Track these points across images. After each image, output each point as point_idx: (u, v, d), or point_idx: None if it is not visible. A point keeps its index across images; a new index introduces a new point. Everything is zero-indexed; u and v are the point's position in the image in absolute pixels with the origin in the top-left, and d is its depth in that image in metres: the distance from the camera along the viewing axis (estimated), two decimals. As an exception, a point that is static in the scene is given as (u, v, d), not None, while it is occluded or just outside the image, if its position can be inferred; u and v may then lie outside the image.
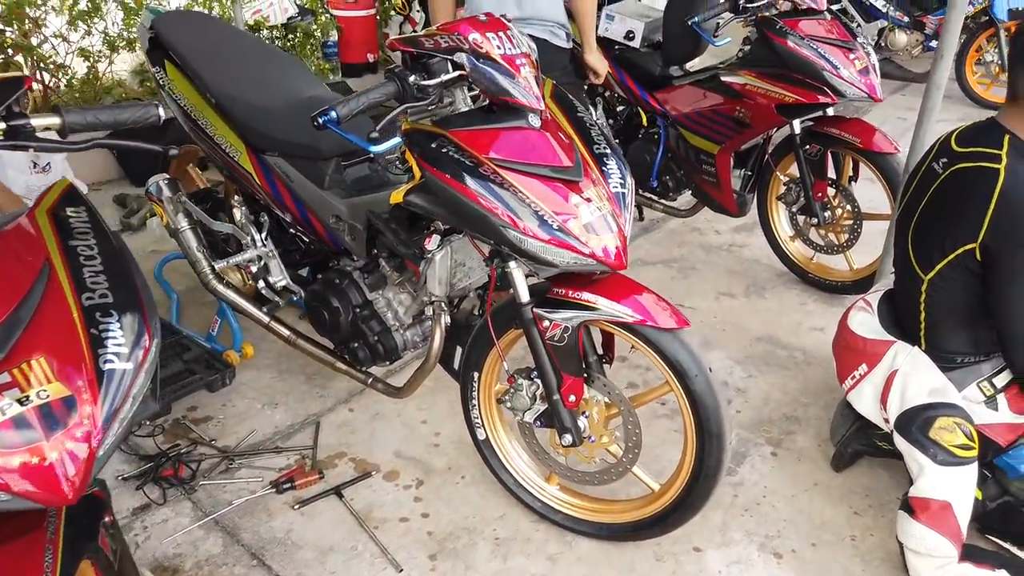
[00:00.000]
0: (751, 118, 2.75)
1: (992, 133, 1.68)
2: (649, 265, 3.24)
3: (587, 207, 1.51)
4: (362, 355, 1.99)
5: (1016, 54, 1.62)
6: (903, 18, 5.26)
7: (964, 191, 1.66)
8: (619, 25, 3.09)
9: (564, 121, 1.66)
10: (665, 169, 3.14)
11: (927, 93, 2.27)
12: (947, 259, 1.67)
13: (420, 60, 1.47)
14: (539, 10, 2.32)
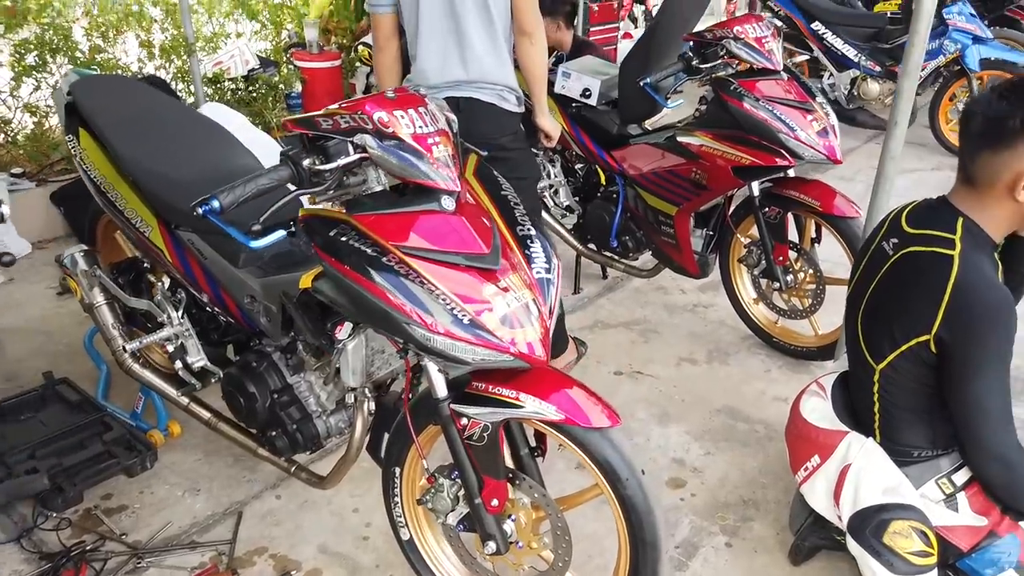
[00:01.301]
0: (708, 180, 2.65)
1: (944, 215, 1.58)
2: (610, 328, 3.12)
3: (504, 297, 1.39)
4: (281, 444, 1.84)
5: (966, 137, 1.53)
6: (875, 68, 5.23)
7: (916, 278, 1.55)
8: (575, 83, 3.01)
9: (486, 200, 1.55)
10: (624, 229, 3.04)
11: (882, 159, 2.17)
12: (899, 350, 1.56)
13: (317, 142, 1.36)
14: (486, 73, 2.23)
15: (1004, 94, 1.48)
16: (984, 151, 1.50)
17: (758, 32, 2.56)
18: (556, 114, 3.07)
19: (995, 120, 1.46)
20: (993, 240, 1.56)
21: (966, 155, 1.54)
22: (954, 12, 4.96)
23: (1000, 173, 1.48)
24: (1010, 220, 1.54)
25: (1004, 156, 1.47)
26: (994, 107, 1.47)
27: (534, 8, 2.19)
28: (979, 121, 1.50)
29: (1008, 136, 1.45)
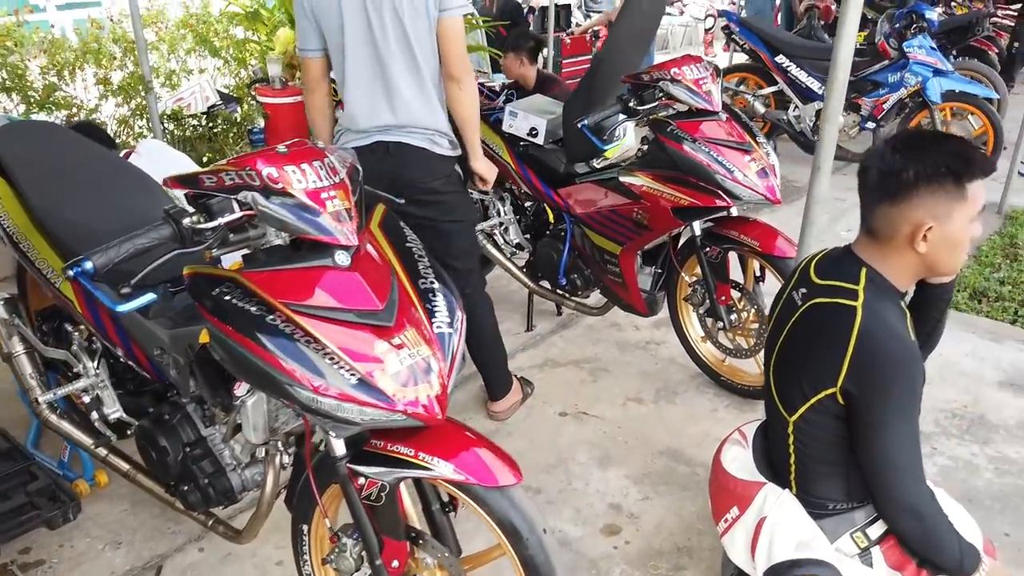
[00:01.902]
0: (649, 220, 2.65)
1: (849, 265, 1.56)
2: (560, 366, 3.09)
3: (397, 354, 1.36)
4: (193, 498, 1.80)
5: (864, 190, 1.52)
6: (838, 100, 5.28)
7: (821, 329, 1.53)
8: (522, 122, 3.01)
9: (389, 253, 1.53)
10: (573, 267, 3.03)
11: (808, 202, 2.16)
12: (809, 403, 1.53)
13: (201, 199, 1.34)
14: (415, 118, 2.22)
15: (897, 147, 1.47)
16: (882, 204, 1.49)
17: (696, 74, 2.57)
18: (503, 152, 3.08)
19: (890, 173, 1.46)
20: (898, 290, 1.54)
21: (865, 208, 1.54)
22: (915, 46, 5.02)
23: (899, 225, 1.47)
24: (913, 270, 1.53)
25: (901, 208, 1.46)
26: (888, 160, 1.46)
27: (461, 55, 2.19)
28: (875, 175, 1.49)
29: (903, 189, 1.44)
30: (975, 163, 1.45)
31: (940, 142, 1.47)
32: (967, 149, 1.46)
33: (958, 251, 1.50)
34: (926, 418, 2.76)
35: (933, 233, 1.46)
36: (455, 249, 2.43)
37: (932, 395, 2.89)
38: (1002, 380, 3.01)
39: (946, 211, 1.44)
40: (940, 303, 1.70)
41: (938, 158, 1.44)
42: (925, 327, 1.73)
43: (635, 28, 2.71)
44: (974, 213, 1.46)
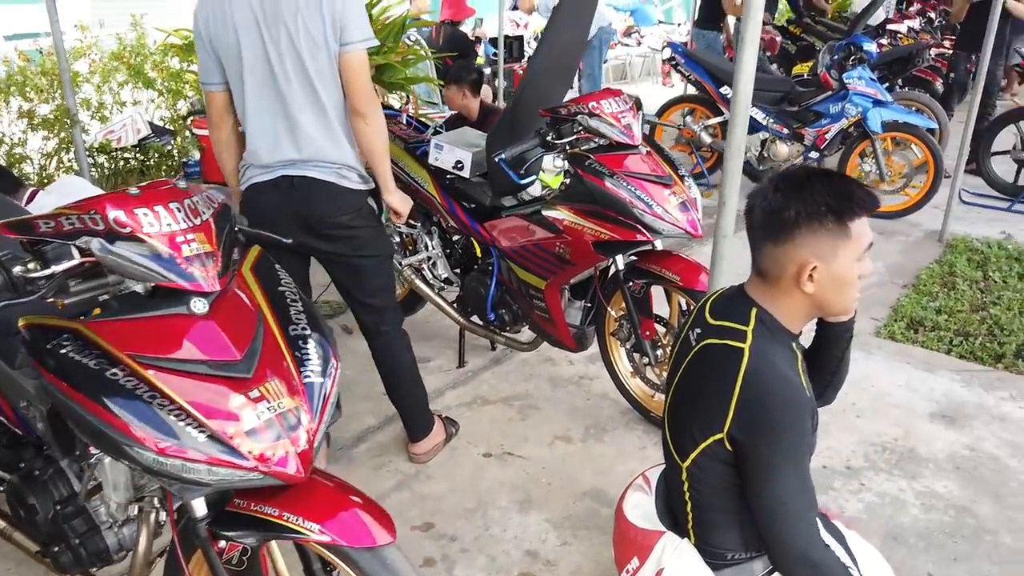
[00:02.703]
0: (571, 254, 2.60)
1: (739, 305, 1.52)
2: (490, 404, 3.01)
3: (255, 408, 1.28)
4: (65, 559, 1.69)
5: (750, 230, 1.49)
6: (783, 130, 5.33)
7: (710, 372, 1.48)
8: (448, 155, 2.96)
9: (260, 297, 1.46)
10: (500, 302, 2.97)
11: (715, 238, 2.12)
12: (699, 448, 1.48)
13: (36, 245, 1.26)
14: (320, 152, 2.16)
15: (779, 186, 1.44)
16: (767, 244, 1.45)
17: (615, 107, 2.55)
18: (429, 185, 3.03)
19: (772, 213, 1.42)
20: (790, 331, 1.50)
21: (753, 248, 1.50)
22: (854, 77, 5.09)
23: (784, 265, 1.43)
24: (803, 310, 1.48)
25: (785, 248, 1.42)
26: (770, 200, 1.43)
27: (365, 89, 2.13)
28: (758, 214, 1.46)
29: (786, 228, 1.41)
30: (856, 200, 1.41)
31: (822, 180, 1.43)
32: (849, 186, 1.43)
33: (847, 290, 1.46)
34: (856, 452, 2.74)
35: (819, 273, 1.42)
36: (368, 285, 2.36)
37: (863, 428, 2.87)
38: (934, 412, 2.99)
39: (830, 250, 1.41)
40: (841, 341, 1.66)
41: (819, 196, 1.40)
42: (829, 366, 1.69)
43: (554, 61, 2.68)
44: (860, 251, 1.43)
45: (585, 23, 2.76)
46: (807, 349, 1.71)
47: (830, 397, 1.74)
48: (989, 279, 4.17)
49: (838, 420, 2.92)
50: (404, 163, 3.07)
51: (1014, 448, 2.76)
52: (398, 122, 3.29)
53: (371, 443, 2.74)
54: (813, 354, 1.70)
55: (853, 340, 1.70)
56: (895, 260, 4.56)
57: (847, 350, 1.68)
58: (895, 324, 3.65)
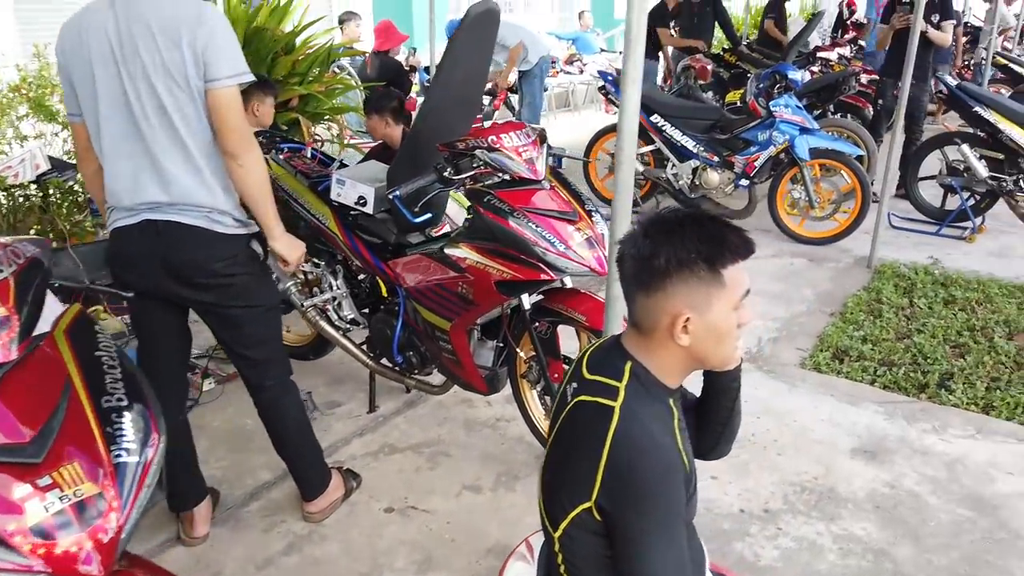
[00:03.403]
0: (474, 294, 2.47)
1: (615, 359, 1.40)
2: (398, 452, 2.85)
3: (43, 499, 1.12)
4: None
5: (622, 280, 1.38)
6: (713, 158, 5.32)
7: (580, 432, 1.35)
8: (350, 190, 2.83)
9: (71, 365, 1.29)
10: (408, 343, 2.82)
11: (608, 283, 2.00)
12: (568, 518, 1.34)
13: None
14: (188, 195, 2.00)
15: (649, 232, 1.33)
16: (638, 294, 1.34)
17: (516, 141, 2.44)
18: (331, 222, 2.88)
19: (642, 260, 1.32)
20: (667, 386, 1.39)
21: (626, 298, 1.39)
22: (780, 105, 5.12)
23: (657, 316, 1.33)
24: (680, 363, 1.38)
25: (656, 298, 1.31)
26: (639, 246, 1.32)
27: (236, 128, 1.97)
28: (628, 263, 1.35)
29: (656, 277, 1.30)
30: (729, 246, 1.32)
31: (694, 225, 1.33)
32: (722, 231, 1.33)
33: (726, 341, 1.36)
34: (775, 494, 2.64)
35: (693, 324, 1.31)
36: (247, 337, 2.19)
37: (784, 467, 2.78)
38: (855, 447, 2.92)
39: (704, 299, 1.30)
40: (729, 391, 1.55)
41: (690, 243, 1.30)
42: (718, 417, 1.58)
43: (454, 93, 2.58)
44: (736, 299, 1.33)
45: (484, 53, 2.66)
46: (697, 399, 1.61)
47: (724, 449, 1.63)
48: (915, 306, 4.17)
49: (759, 459, 2.83)
50: (305, 200, 2.92)
51: (934, 484, 2.70)
52: (302, 156, 3.15)
53: (264, 501, 2.56)
54: (702, 406, 1.59)
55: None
56: (824, 287, 4.54)
57: (736, 400, 1.57)
58: (820, 355, 3.60)
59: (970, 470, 2.79)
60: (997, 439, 2.97)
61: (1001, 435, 3.00)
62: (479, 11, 2.41)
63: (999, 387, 3.30)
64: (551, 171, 2.61)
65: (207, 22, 1.89)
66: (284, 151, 3.14)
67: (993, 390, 3.29)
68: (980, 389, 3.28)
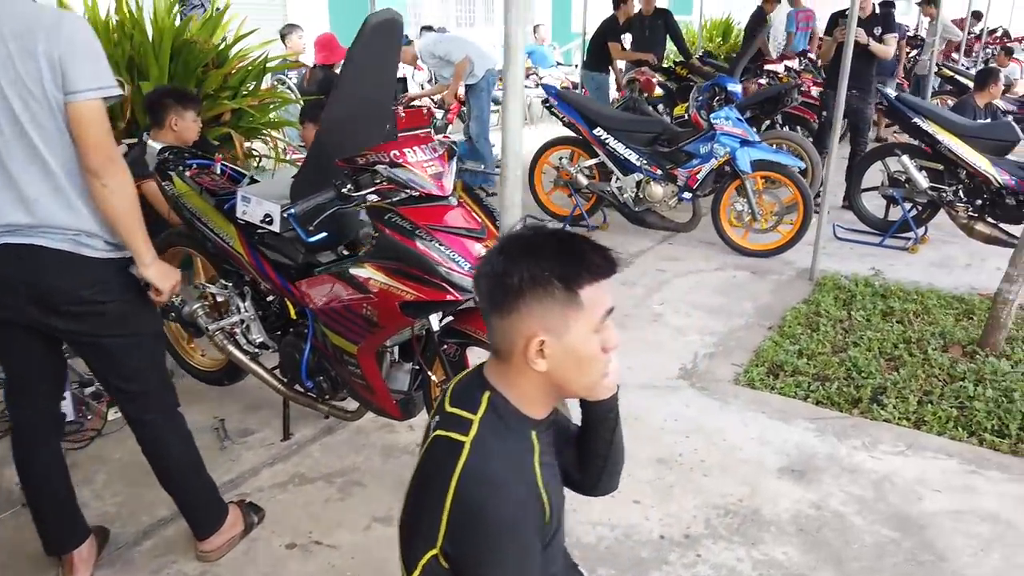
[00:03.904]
0: (379, 316, 2.36)
1: (474, 388, 1.30)
2: (308, 483, 2.71)
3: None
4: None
5: (480, 302, 1.28)
6: (656, 171, 5.28)
7: (430, 472, 1.25)
8: (256, 208, 2.69)
9: None
10: (317, 368, 2.69)
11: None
12: (419, 565, 1.23)
13: None
14: (51, 216, 1.85)
15: (504, 249, 1.24)
16: (494, 315, 1.25)
17: (420, 156, 2.34)
18: (235, 242, 2.75)
19: (496, 278, 1.22)
20: (530, 418, 1.29)
21: (484, 321, 1.29)
22: (721, 117, 5.09)
23: (513, 339, 1.23)
24: (540, 391, 1.28)
25: (512, 320, 1.22)
26: (494, 265, 1.23)
27: (98, 144, 1.81)
28: (483, 282, 1.25)
29: (510, 297, 1.21)
30: (587, 266, 1.22)
31: (552, 243, 1.24)
32: (581, 249, 1.24)
33: (589, 367, 1.26)
34: (697, 518, 2.55)
35: (550, 347, 1.21)
36: (124, 368, 2.05)
37: (708, 488, 2.70)
38: (783, 466, 2.85)
39: (560, 321, 1.21)
40: (606, 422, 1.46)
41: (545, 261, 1.21)
42: (598, 450, 1.48)
43: (358, 105, 2.46)
44: (595, 321, 1.23)
45: (388, 64, 2.56)
46: (579, 431, 1.51)
47: (609, 484, 1.53)
48: (853, 318, 4.13)
49: (684, 481, 2.74)
50: (209, 219, 2.79)
51: (860, 504, 2.63)
52: (210, 172, 3.02)
53: (157, 539, 2.40)
54: (582, 437, 1.49)
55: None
56: (765, 301, 4.50)
57: (615, 431, 1.48)
58: (755, 370, 3.54)
59: (898, 488, 2.73)
60: (927, 455, 2.92)
61: (931, 451, 2.95)
62: (378, 21, 2.31)
63: (931, 400, 3.27)
64: (462, 186, 2.51)
65: (65, 29, 1.76)
66: (192, 167, 3.00)
67: (925, 404, 3.25)
68: (912, 403, 3.24)
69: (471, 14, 15.74)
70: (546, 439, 1.33)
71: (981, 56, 12.65)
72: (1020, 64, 12.22)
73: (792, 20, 8.97)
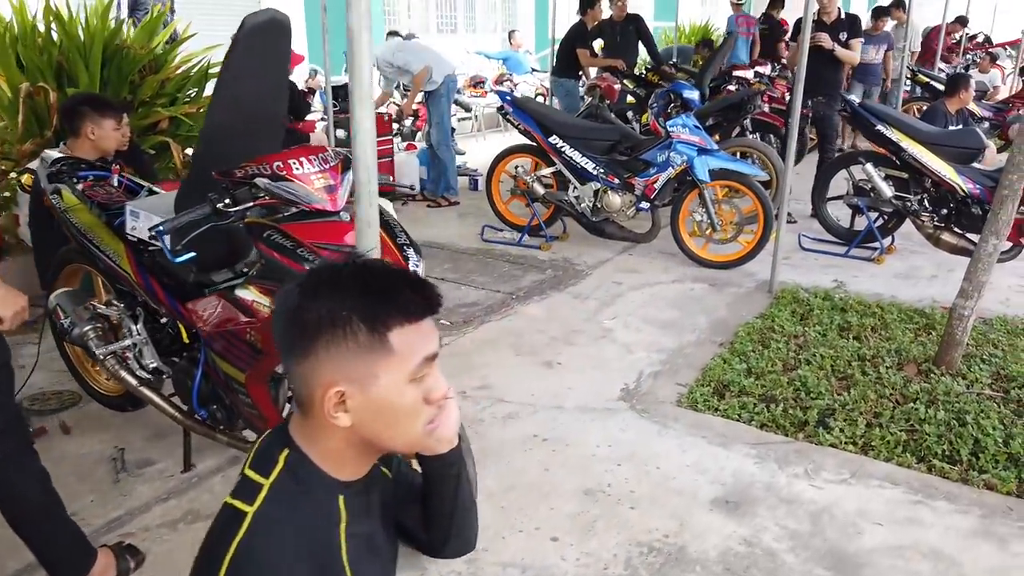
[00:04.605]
0: (261, 342, 2.17)
1: (272, 446, 1.11)
2: (201, 520, 2.50)
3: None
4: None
5: (276, 344, 1.09)
6: (613, 180, 5.10)
7: (208, 545, 1.05)
8: (145, 223, 2.50)
9: None
10: (210, 396, 2.50)
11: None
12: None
13: None
14: None
15: (304, 283, 1.05)
16: (289, 360, 1.06)
17: (308, 168, 2.16)
18: (123, 260, 2.56)
19: (291, 317, 1.04)
20: (339, 481, 1.10)
21: (283, 367, 1.10)
22: (678, 125, 4.93)
23: (311, 389, 1.04)
24: (350, 449, 1.09)
25: (309, 365, 1.03)
26: (291, 302, 1.04)
27: None
28: (278, 321, 1.07)
29: (307, 338, 1.02)
30: (398, 305, 1.04)
31: (361, 276, 1.05)
32: (394, 286, 1.05)
33: (406, 421, 1.07)
34: (618, 556, 2.36)
35: (353, 400, 1.03)
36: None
37: (634, 523, 2.51)
38: (717, 497, 2.66)
39: (364, 370, 1.02)
40: (446, 480, 1.26)
41: (347, 299, 1.02)
42: (441, 509, 1.29)
43: (243, 113, 2.28)
44: (410, 369, 1.05)
45: (276, 67, 2.37)
46: (423, 486, 1.31)
47: (459, 546, 1.34)
48: (807, 334, 3.96)
49: (609, 514, 2.56)
50: (95, 235, 2.60)
51: (795, 539, 2.45)
52: (106, 185, 2.82)
53: None
54: (426, 494, 1.30)
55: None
56: (720, 315, 4.33)
57: (458, 489, 1.28)
58: (699, 390, 3.36)
59: (837, 521, 2.55)
60: (871, 484, 2.74)
61: (876, 479, 2.77)
62: (256, 23, 2.12)
63: (880, 423, 3.09)
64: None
65: None
66: (87, 179, 2.81)
67: (874, 427, 3.07)
68: (860, 426, 3.06)
69: (452, 21, 15.57)
70: (361, 504, 1.14)
71: (961, 63, 12.56)
72: (1002, 71, 12.15)
73: (732, 24, 8.87)
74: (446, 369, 1.12)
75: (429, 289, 1.08)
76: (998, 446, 2.89)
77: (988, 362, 3.58)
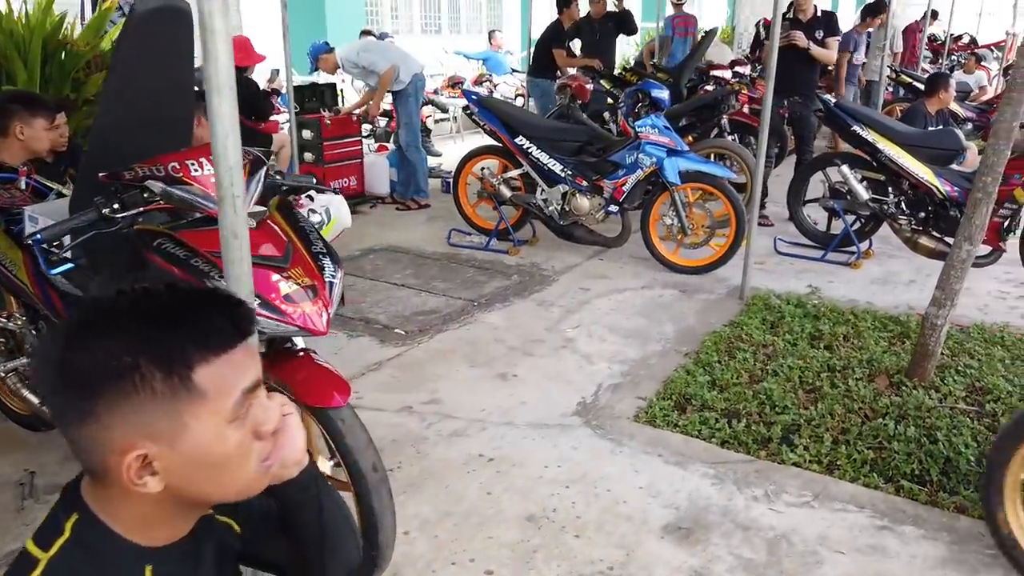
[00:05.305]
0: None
1: (59, 507, 0.91)
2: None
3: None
4: None
5: (44, 403, 0.90)
6: (582, 182, 4.92)
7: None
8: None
9: None
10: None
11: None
12: None
13: None
14: None
15: (71, 326, 0.85)
16: (67, 427, 0.86)
17: (207, 169, 1.96)
18: (19, 270, 2.35)
19: (56, 371, 0.83)
20: (147, 548, 0.90)
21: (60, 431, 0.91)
22: (647, 126, 4.75)
23: (102, 456, 0.84)
24: (165, 512, 0.89)
25: (91, 430, 0.83)
26: (53, 354, 0.84)
27: None
28: (42, 375, 0.87)
29: (83, 398, 0.82)
30: (196, 336, 0.85)
31: (143, 310, 0.85)
32: (189, 314, 0.86)
33: (234, 467, 0.89)
34: (555, 593, 2.17)
35: (163, 461, 0.84)
36: None
37: (577, 553, 2.32)
38: (669, 523, 2.47)
39: (170, 423, 0.83)
40: (307, 505, 1.08)
41: (128, 342, 0.83)
42: (306, 537, 1.11)
43: (138, 109, 2.07)
44: (228, 408, 0.86)
45: (176, 58, 2.15)
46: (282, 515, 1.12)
47: (341, 571, 1.15)
48: (777, 343, 3.78)
49: (551, 543, 2.36)
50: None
51: (749, 571, 2.26)
52: (12, 188, 2.62)
53: None
54: (287, 528, 1.11)
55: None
56: (688, 323, 4.14)
57: (322, 513, 1.10)
58: (659, 404, 3.17)
59: (796, 549, 2.36)
60: (835, 507, 2.56)
61: (840, 501, 2.59)
62: (149, 9, 1.92)
63: (848, 440, 2.91)
64: (280, 201, 2.14)
65: None
66: (-10, 183, 2.61)
67: (841, 444, 2.89)
68: (827, 443, 2.88)
69: (437, 22, 15.38)
70: (182, 570, 0.94)
71: (946, 63, 12.46)
72: (988, 72, 12.04)
73: (668, 26, 8.71)
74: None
75: (239, 308, 0.89)
76: (970, 465, 2.72)
77: (963, 373, 3.41)
